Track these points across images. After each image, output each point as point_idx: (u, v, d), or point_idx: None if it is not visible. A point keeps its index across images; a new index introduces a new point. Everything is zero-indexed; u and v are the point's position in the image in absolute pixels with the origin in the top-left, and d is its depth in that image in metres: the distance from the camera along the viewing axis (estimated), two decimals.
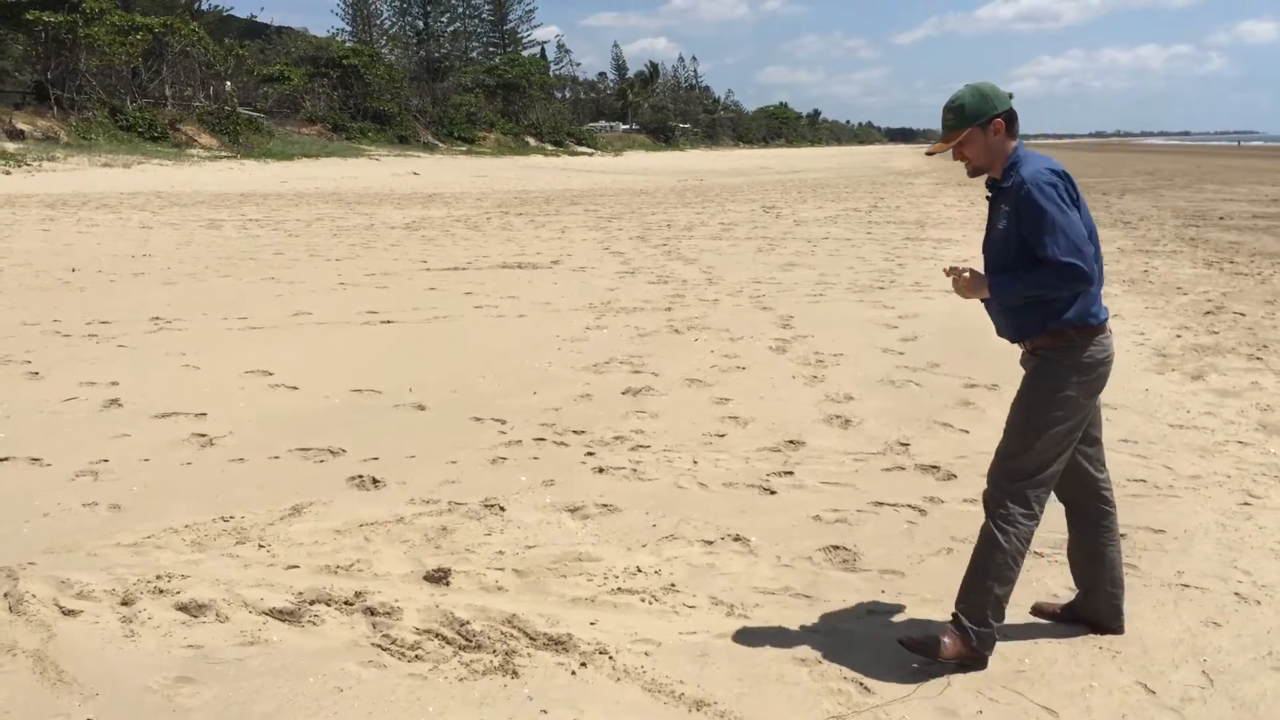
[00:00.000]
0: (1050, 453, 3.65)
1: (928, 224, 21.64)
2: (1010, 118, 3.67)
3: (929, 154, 3.94)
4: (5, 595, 4.28)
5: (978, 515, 5.08)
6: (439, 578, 4.44)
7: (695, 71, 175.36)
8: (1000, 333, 3.85)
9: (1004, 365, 8.29)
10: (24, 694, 3.55)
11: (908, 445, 6.28)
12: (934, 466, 5.89)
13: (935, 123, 4.06)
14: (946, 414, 6.97)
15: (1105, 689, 3.56)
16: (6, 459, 6.08)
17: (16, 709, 3.46)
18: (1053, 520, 5.06)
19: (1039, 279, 3.53)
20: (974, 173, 3.77)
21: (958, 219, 22.92)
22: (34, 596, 4.26)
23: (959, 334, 9.76)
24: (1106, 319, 3.71)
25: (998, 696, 3.51)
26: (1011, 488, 3.67)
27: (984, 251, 3.83)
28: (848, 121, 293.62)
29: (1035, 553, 4.66)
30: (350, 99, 72.10)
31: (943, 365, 8.38)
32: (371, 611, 4.14)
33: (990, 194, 3.78)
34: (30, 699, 3.52)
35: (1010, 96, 3.69)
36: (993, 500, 3.71)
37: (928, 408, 7.13)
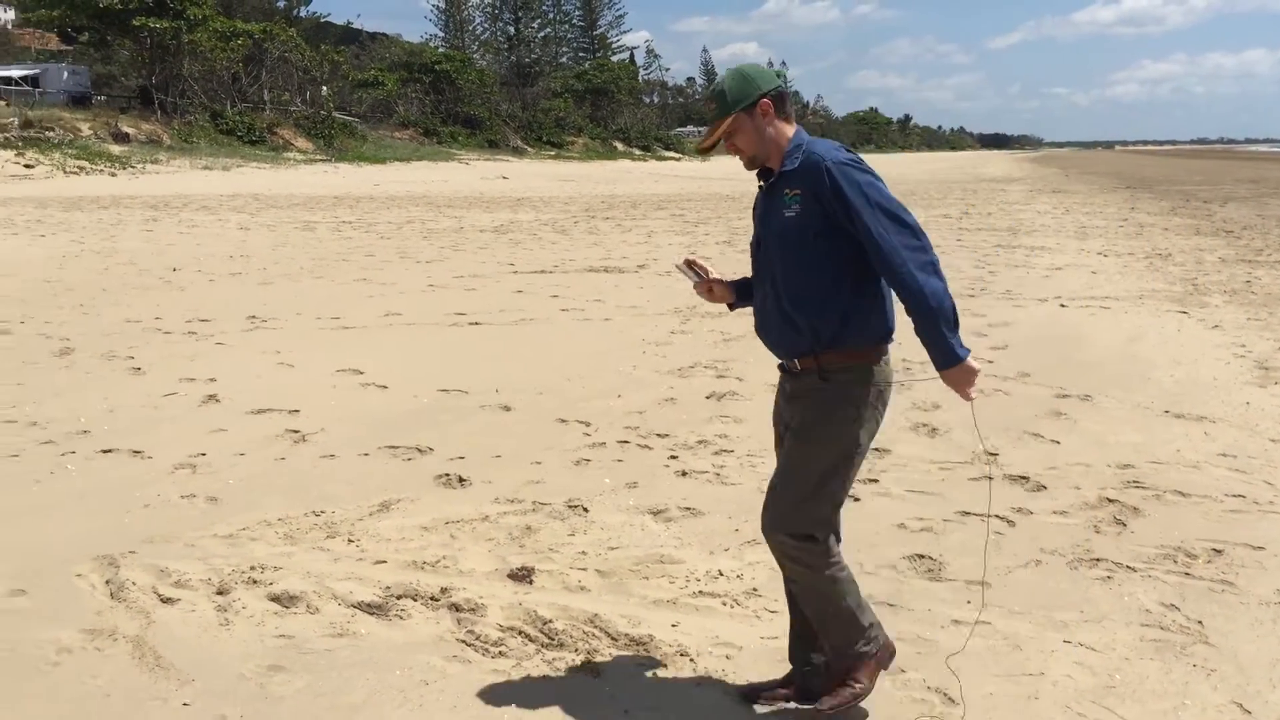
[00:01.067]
0: (845, 489, 3.28)
1: (1020, 231, 21.26)
2: (779, 98, 3.23)
3: (700, 151, 3.41)
4: (107, 582, 4.44)
5: (1068, 527, 5.03)
6: (523, 576, 4.49)
7: (785, 76, 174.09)
8: (773, 346, 3.34)
9: (1098, 375, 8.15)
10: (124, 677, 3.68)
11: (996, 455, 6.18)
12: (1023, 477, 5.78)
13: (1031, 128, 3.87)
14: (1037, 424, 6.84)
15: (1199, 707, 3.46)
16: (110, 451, 6.30)
17: (117, 691, 3.59)
18: (1144, 532, 4.96)
19: (918, 281, 3.03)
20: (750, 164, 3.29)
21: (1052, 226, 22.48)
22: (134, 584, 4.41)
23: (1051, 343, 9.59)
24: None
25: (1086, 712, 3.44)
26: (817, 530, 3.24)
27: (756, 252, 3.35)
28: (939, 127, 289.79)
29: (1127, 566, 4.57)
30: (442, 104, 73.23)
31: (1033, 375, 8.23)
32: (457, 608, 4.20)
33: (763, 183, 3.31)
34: (130, 682, 3.65)
35: (780, 76, 3.30)
36: (796, 548, 3.24)
37: (1017, 417, 7.00)
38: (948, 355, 3.09)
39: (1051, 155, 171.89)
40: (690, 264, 3.56)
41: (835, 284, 3.15)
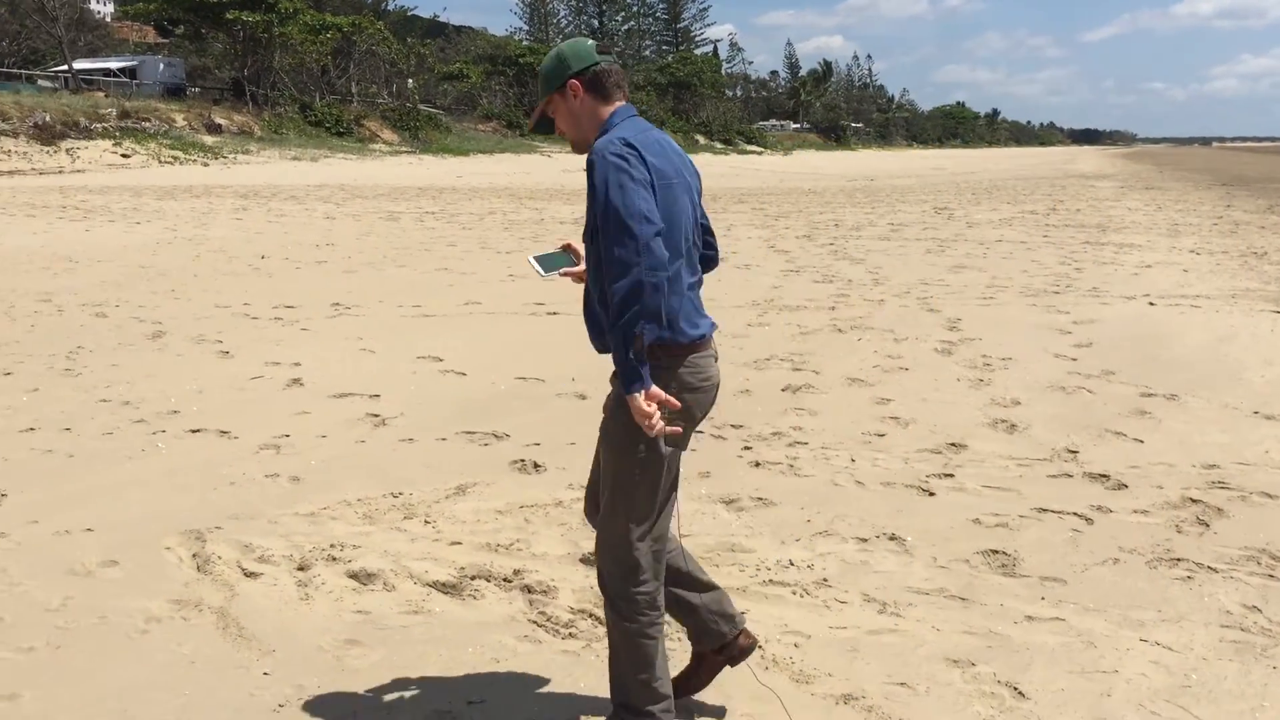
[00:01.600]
0: (655, 504, 3.08)
1: (1109, 228, 20.80)
2: (594, 79, 3.02)
3: (530, 130, 3.32)
4: (194, 556, 4.59)
5: (1149, 527, 4.94)
6: (594, 560, 4.53)
7: (870, 70, 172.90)
8: (591, 339, 3.24)
9: (1185, 375, 7.96)
10: (209, 646, 3.81)
11: (1076, 453, 6.08)
12: (1103, 475, 5.68)
13: (1123, 124, 3.73)
14: (1120, 422, 6.71)
15: (1278, 709, 3.39)
16: (199, 430, 6.49)
17: (201, 659, 3.71)
18: (1228, 533, 4.85)
19: (617, 297, 2.82)
20: (575, 149, 3.12)
21: (1143, 223, 21.96)
22: (219, 558, 4.55)
23: (1137, 341, 9.39)
24: (706, 333, 3.15)
25: (1160, 711, 3.38)
26: (621, 554, 3.09)
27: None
28: (1028, 122, 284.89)
29: (1208, 567, 4.47)
30: (525, 96, 73.77)
31: (1118, 373, 8.07)
32: (529, 589, 4.27)
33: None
34: (214, 651, 3.77)
35: (606, 53, 3.06)
36: (602, 572, 3.17)
37: (1099, 415, 6.88)
38: (624, 383, 2.86)
39: (1144, 151, 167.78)
40: (568, 248, 3.44)
41: None
